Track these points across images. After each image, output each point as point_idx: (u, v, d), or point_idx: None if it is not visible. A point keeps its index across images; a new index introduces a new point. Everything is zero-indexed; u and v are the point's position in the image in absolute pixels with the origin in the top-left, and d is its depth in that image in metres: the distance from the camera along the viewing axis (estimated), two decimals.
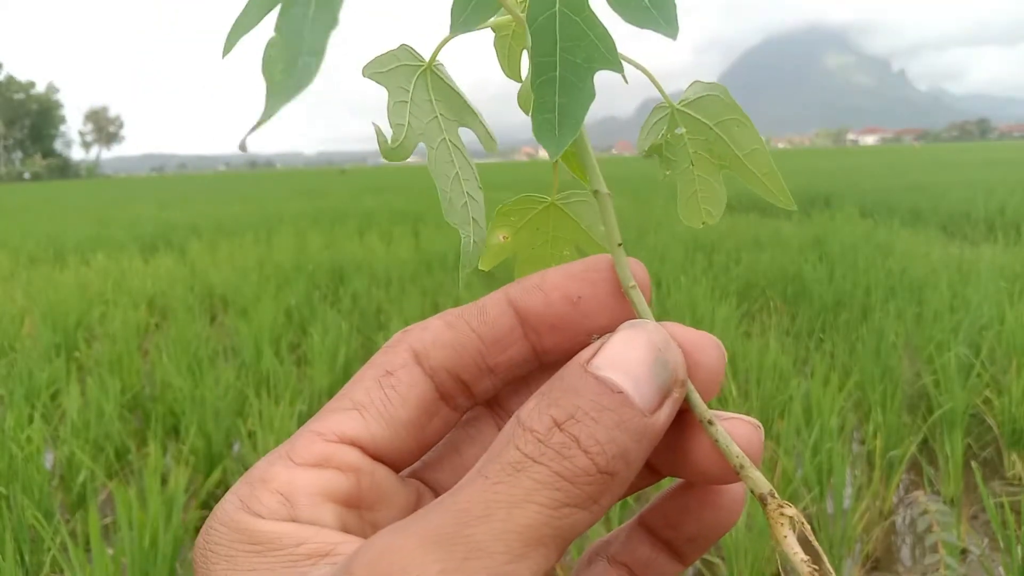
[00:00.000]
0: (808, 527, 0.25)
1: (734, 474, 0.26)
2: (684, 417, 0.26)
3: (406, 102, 0.29)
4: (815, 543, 0.25)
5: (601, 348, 0.24)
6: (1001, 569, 1.81)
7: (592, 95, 0.24)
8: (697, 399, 0.26)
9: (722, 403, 2.63)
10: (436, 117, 0.30)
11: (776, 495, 0.25)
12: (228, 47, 0.22)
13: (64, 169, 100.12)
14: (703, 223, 0.34)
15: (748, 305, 4.01)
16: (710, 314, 3.30)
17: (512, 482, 0.21)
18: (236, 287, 4.69)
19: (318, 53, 0.20)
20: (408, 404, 0.26)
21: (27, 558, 1.90)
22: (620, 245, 0.28)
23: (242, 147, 0.22)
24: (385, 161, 0.30)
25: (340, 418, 0.26)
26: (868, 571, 2.04)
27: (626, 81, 0.28)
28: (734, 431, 0.26)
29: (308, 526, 0.23)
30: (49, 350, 3.50)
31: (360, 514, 0.25)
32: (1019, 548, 1.61)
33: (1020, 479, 2.42)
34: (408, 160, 0.30)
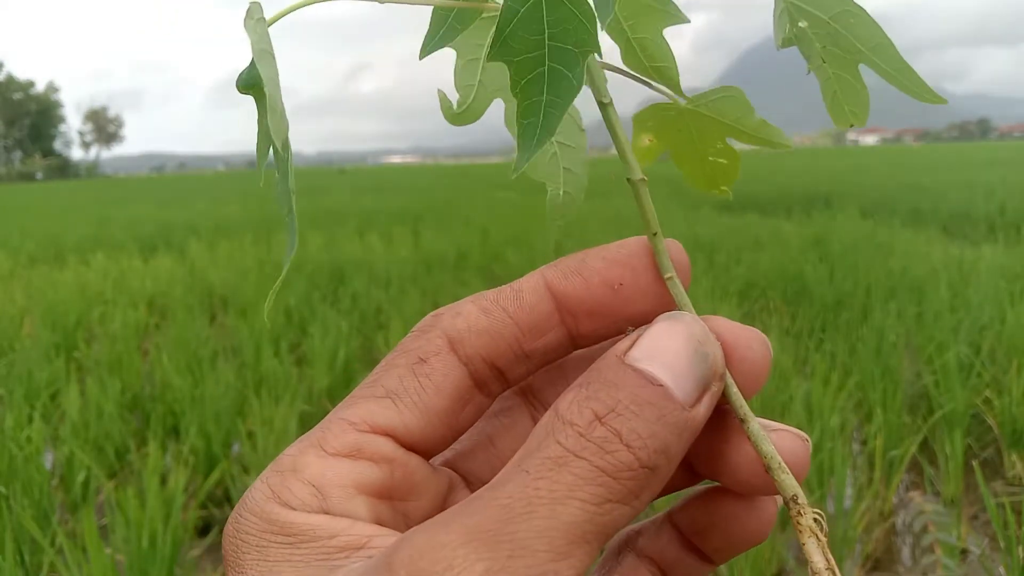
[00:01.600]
0: (825, 539, 0.25)
1: (766, 480, 0.25)
2: (725, 415, 0.26)
3: (478, 59, 0.28)
4: (827, 552, 0.24)
5: (639, 339, 0.24)
6: (1002, 569, 1.81)
7: (580, 84, 0.23)
8: (736, 394, 0.25)
9: None
10: None
11: (800, 500, 0.25)
12: (260, 169, 0.26)
13: (64, 169, 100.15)
14: (851, 125, 0.31)
15: (749, 305, 4.01)
16: (711, 314, 3.30)
17: (554, 477, 0.21)
18: (236, 287, 4.69)
19: (293, 215, 0.25)
20: (443, 393, 0.26)
21: (27, 558, 1.90)
22: (656, 234, 0.27)
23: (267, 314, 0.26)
24: (453, 126, 0.28)
25: (373, 407, 0.25)
26: (868, 571, 2.03)
27: (687, 20, 0.27)
28: (780, 443, 0.25)
29: (341, 519, 0.23)
30: (49, 350, 3.50)
31: (392, 505, 0.25)
32: (1020, 548, 1.61)
33: (1020, 479, 2.42)
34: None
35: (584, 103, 0.29)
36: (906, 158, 25.98)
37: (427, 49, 0.24)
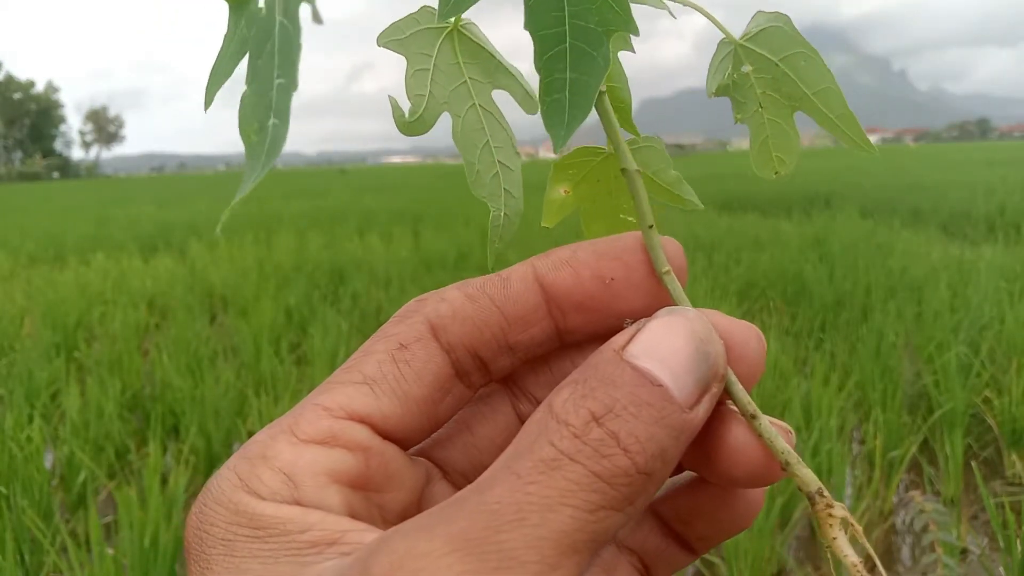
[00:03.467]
0: (859, 528, 0.24)
1: (763, 475, 0.24)
2: (717, 410, 0.25)
3: (427, 70, 0.27)
4: (866, 544, 0.24)
5: (637, 334, 0.23)
6: (1001, 569, 1.81)
7: (608, 63, 0.22)
8: (741, 392, 0.24)
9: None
10: (465, 82, 0.28)
11: (825, 493, 0.24)
12: (208, 99, 0.23)
13: (64, 168, 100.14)
14: (776, 173, 0.31)
15: (748, 305, 4.01)
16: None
17: (546, 482, 0.20)
18: (236, 287, 4.69)
19: (284, 116, 0.21)
20: (423, 381, 0.25)
21: (27, 558, 1.90)
22: (652, 227, 0.26)
23: (221, 229, 0.22)
24: (403, 135, 0.28)
25: (350, 392, 0.24)
26: (868, 571, 2.03)
27: (633, 50, 0.27)
28: None
29: (313, 510, 0.22)
30: (49, 350, 3.50)
31: (367, 496, 0.24)
32: (1019, 548, 1.61)
33: (1020, 479, 2.42)
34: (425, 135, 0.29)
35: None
36: (906, 158, 25.97)
37: (448, 10, 0.23)
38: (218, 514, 0.22)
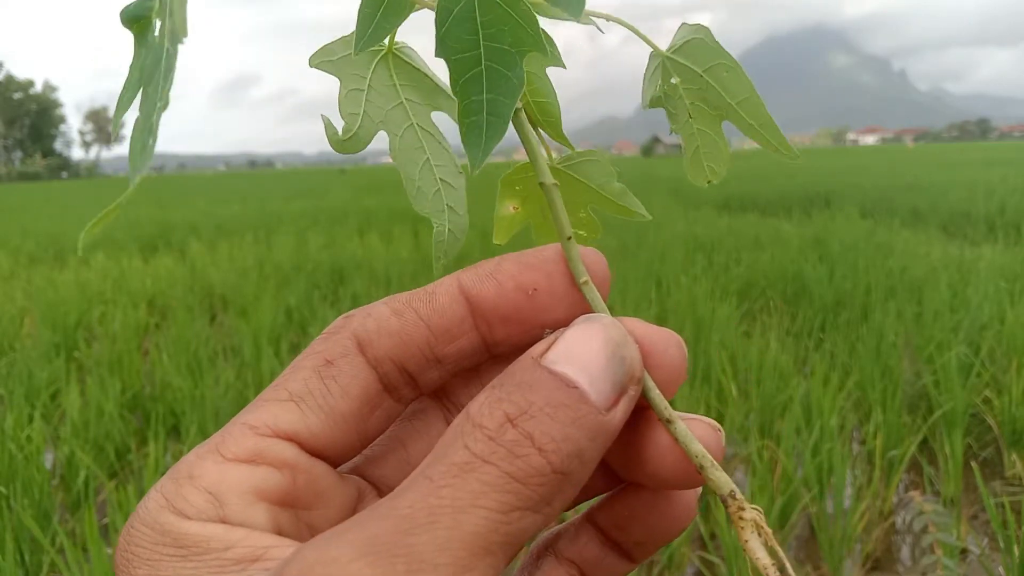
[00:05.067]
0: (768, 531, 0.24)
1: (691, 478, 0.25)
2: (642, 416, 0.25)
3: (362, 90, 0.28)
4: (777, 548, 0.24)
5: (555, 342, 0.23)
6: (1001, 569, 1.81)
7: (523, 83, 0.23)
8: (657, 396, 0.25)
9: (722, 403, 2.63)
10: (401, 103, 0.28)
11: (738, 496, 0.24)
12: (115, 127, 0.24)
13: (64, 168, 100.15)
14: (708, 182, 0.31)
15: (748, 305, 4.01)
16: (710, 314, 3.30)
17: (459, 485, 0.20)
18: (236, 287, 4.69)
19: (154, 134, 0.23)
20: (349, 396, 0.24)
21: (27, 558, 1.90)
22: (570, 239, 0.26)
23: (82, 249, 0.24)
24: (337, 153, 0.28)
25: (275, 410, 0.24)
26: (868, 571, 2.04)
27: (563, 66, 0.27)
28: (692, 432, 0.25)
29: (238, 528, 0.22)
30: (49, 350, 3.50)
31: (296, 514, 0.24)
32: (1019, 548, 1.61)
33: (1020, 479, 2.42)
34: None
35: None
36: (905, 158, 25.98)
37: (360, 46, 0.23)
38: (144, 535, 0.22)
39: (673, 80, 0.29)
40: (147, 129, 0.23)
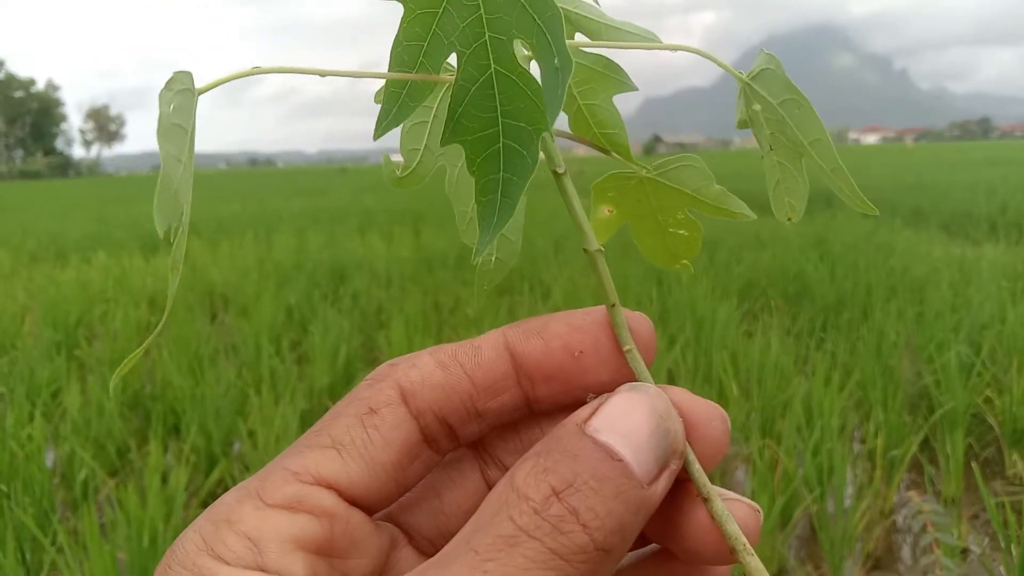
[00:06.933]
0: None
1: (725, 556, 0.24)
2: (680, 488, 0.25)
3: (426, 122, 0.27)
4: None
5: (599, 409, 0.23)
6: (1002, 569, 1.80)
7: (536, 162, 0.22)
8: (698, 472, 0.24)
9: (723, 403, 2.63)
10: None
11: None
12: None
13: (65, 167, 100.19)
14: (788, 219, 0.31)
15: (749, 304, 4.00)
16: (711, 313, 3.30)
17: (504, 560, 0.20)
18: (236, 286, 4.69)
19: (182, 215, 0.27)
20: (391, 446, 0.25)
21: (28, 556, 1.90)
22: (615, 305, 0.26)
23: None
24: (394, 189, 0.28)
25: (317, 456, 0.24)
26: (869, 571, 2.03)
27: (635, 88, 0.27)
28: (732, 513, 0.25)
29: None
30: (50, 348, 3.50)
31: (331, 563, 0.24)
32: (1019, 548, 1.61)
33: (1021, 479, 2.42)
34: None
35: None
36: (907, 157, 25.96)
37: (381, 129, 0.23)
38: None
39: (755, 107, 0.29)
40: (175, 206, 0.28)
